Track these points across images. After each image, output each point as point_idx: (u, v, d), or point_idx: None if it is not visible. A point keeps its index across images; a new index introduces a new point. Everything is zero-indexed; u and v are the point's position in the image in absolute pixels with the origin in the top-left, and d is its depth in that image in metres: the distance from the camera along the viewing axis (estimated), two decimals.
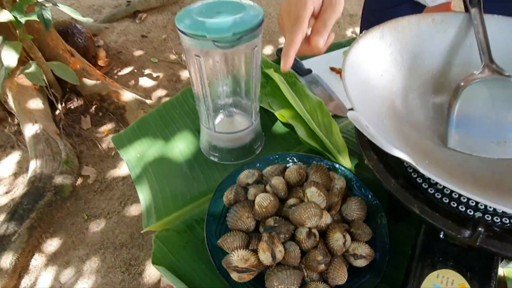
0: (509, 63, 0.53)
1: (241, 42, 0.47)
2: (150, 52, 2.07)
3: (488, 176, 0.46)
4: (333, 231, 0.45)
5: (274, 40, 2.12)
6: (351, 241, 0.45)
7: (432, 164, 0.46)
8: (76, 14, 1.37)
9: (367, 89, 0.50)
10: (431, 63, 0.57)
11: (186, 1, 2.51)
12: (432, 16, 0.58)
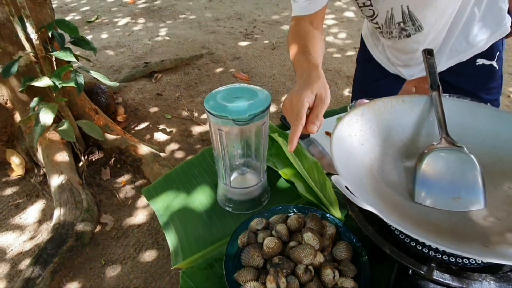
0: (461, 136, 0.69)
1: (254, 120, 0.63)
2: (164, 109, 2.26)
3: (445, 225, 0.59)
4: (325, 268, 0.57)
5: (278, 99, 2.31)
6: (339, 276, 0.57)
7: (401, 215, 0.59)
8: (105, 79, 1.57)
9: (350, 156, 0.64)
10: (402, 134, 0.72)
11: (197, 62, 2.76)
12: (402, 98, 0.74)
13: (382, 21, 0.93)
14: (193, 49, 2.95)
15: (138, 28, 3.40)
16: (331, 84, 2.44)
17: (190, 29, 3.34)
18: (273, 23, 3.40)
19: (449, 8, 0.87)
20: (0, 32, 1.51)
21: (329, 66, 2.66)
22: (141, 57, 2.86)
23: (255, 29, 3.29)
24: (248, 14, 3.61)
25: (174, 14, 3.67)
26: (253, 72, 2.62)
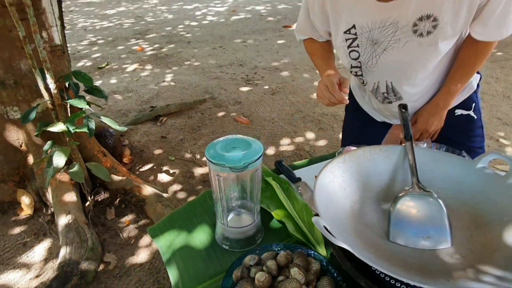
0: (431, 181, 0.78)
1: (248, 168, 0.72)
2: (168, 151, 2.37)
3: (416, 262, 0.67)
4: None
5: (276, 142, 2.43)
6: None
7: (377, 252, 0.67)
8: (114, 124, 1.69)
9: (333, 199, 0.73)
10: (380, 180, 0.82)
11: (201, 107, 2.91)
12: (380, 147, 0.84)
13: (370, 89, 1.08)
14: (196, 94, 3.11)
15: (146, 74, 3.59)
16: (327, 128, 2.57)
17: (195, 75, 3.53)
18: (273, 70, 3.59)
19: (425, 83, 1.03)
20: (22, 82, 1.65)
21: (326, 110, 2.80)
22: (148, 101, 3.02)
23: (256, 75, 3.48)
24: (250, 61, 3.82)
25: (179, 61, 3.88)
26: (253, 116, 2.75)
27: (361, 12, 0.93)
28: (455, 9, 0.85)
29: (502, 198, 0.71)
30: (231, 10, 5.99)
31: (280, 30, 4.89)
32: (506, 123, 2.57)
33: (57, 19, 1.70)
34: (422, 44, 0.92)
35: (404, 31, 0.91)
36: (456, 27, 0.89)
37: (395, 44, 0.94)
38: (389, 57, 0.97)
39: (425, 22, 0.88)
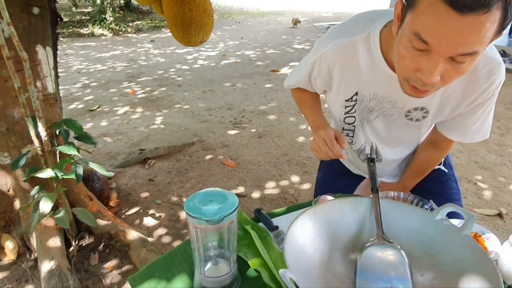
0: (395, 232, 0.84)
1: (224, 220, 0.78)
2: (155, 194, 2.41)
3: None
4: None
5: (261, 185, 2.48)
6: None
7: None
8: (102, 169, 1.73)
9: (302, 250, 0.78)
10: (348, 231, 0.87)
11: (189, 149, 2.97)
12: (349, 199, 0.91)
13: (356, 148, 1.17)
14: (185, 137, 3.19)
15: (136, 116, 3.68)
16: (312, 172, 2.64)
17: (184, 118, 3.63)
18: (260, 113, 3.71)
19: (404, 152, 1.17)
20: (14, 129, 1.71)
21: (310, 154, 2.89)
22: (137, 144, 3.08)
23: (243, 119, 3.59)
24: (238, 105, 3.95)
25: (170, 104, 4.00)
26: (240, 159, 2.82)
27: (369, 82, 0.96)
28: (441, 106, 0.96)
29: (457, 248, 0.77)
30: (222, 55, 6.23)
31: (268, 74, 5.08)
32: (483, 167, 2.67)
33: (51, 70, 1.78)
34: (408, 125, 1.04)
35: (397, 111, 1.01)
36: (437, 119, 1.01)
37: (386, 116, 1.04)
38: (379, 124, 1.07)
39: (418, 112, 0.99)
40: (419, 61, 0.70)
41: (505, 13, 0.60)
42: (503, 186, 2.45)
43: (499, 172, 2.61)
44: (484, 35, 0.61)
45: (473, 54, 0.65)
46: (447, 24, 0.61)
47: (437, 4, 0.61)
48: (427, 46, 0.66)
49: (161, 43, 7.36)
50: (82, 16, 9.41)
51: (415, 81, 0.74)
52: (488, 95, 0.92)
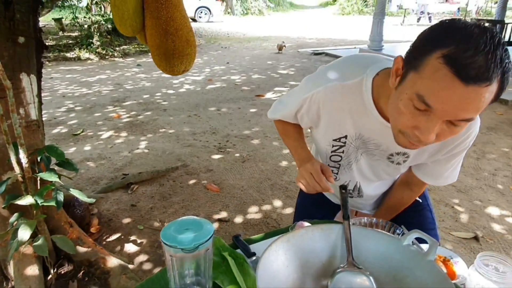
0: (365, 257, 0.87)
1: (199, 248, 0.80)
2: (137, 219, 2.39)
3: None
4: None
5: (244, 210, 2.50)
6: None
7: None
8: (83, 196, 1.73)
9: (275, 277, 0.81)
10: (321, 257, 0.90)
11: (173, 174, 2.98)
12: (321, 227, 0.94)
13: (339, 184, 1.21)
14: (169, 161, 3.20)
15: (120, 141, 3.69)
16: (294, 196, 2.67)
17: (169, 142, 3.65)
18: (244, 138, 3.76)
19: (385, 186, 1.25)
20: None
21: (293, 178, 2.93)
22: (120, 168, 3.08)
23: (228, 143, 3.63)
24: (222, 129, 4.00)
25: (155, 128, 4.02)
26: (224, 184, 2.84)
27: (358, 125, 1.00)
28: (420, 152, 1.03)
29: (423, 273, 0.81)
30: (208, 79, 6.33)
31: (253, 99, 5.17)
32: (460, 190, 2.75)
33: (35, 97, 1.81)
34: (389, 166, 1.10)
35: (380, 153, 1.07)
36: (414, 162, 1.09)
37: (369, 155, 1.09)
38: (363, 162, 1.12)
39: (399, 156, 1.05)
40: (419, 120, 0.74)
41: (501, 85, 0.67)
42: (479, 209, 2.52)
43: (475, 196, 2.69)
44: (483, 105, 0.68)
45: (470, 120, 0.71)
46: (452, 92, 0.66)
47: (444, 71, 0.65)
48: (429, 108, 0.70)
49: (148, 67, 7.43)
50: (69, 40, 9.47)
51: (411, 137, 0.78)
52: (464, 146, 1.00)
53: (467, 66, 0.63)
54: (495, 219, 2.41)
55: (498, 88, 0.67)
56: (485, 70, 0.63)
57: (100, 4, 8.58)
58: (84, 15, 9.18)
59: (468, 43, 0.64)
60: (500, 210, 2.50)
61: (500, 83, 0.66)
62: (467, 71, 0.63)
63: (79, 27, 9.29)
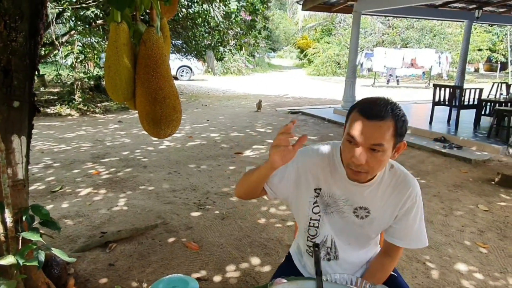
0: None
1: None
2: (115, 279, 2.37)
3: None
4: None
5: (223, 268, 2.52)
6: None
7: None
8: (64, 255, 1.75)
9: None
10: None
11: (152, 232, 2.99)
12: (297, 282, 1.03)
13: (319, 241, 1.33)
14: (149, 219, 3.22)
15: (99, 198, 3.69)
16: (272, 253, 2.72)
17: (148, 199, 3.68)
18: (224, 195, 3.84)
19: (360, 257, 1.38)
20: None
21: (271, 235, 2.99)
22: (99, 226, 3.07)
23: (207, 200, 3.69)
24: (202, 186, 4.07)
25: (134, 185, 4.05)
26: (203, 242, 2.87)
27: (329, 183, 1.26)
28: (382, 210, 1.25)
29: None
30: (188, 136, 6.49)
31: (232, 156, 5.32)
32: (430, 247, 2.87)
33: (23, 157, 1.88)
34: (355, 223, 1.27)
35: (348, 208, 1.26)
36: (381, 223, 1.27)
37: (340, 213, 1.28)
38: (335, 218, 1.29)
39: (362, 210, 1.26)
40: (352, 150, 1.10)
41: (396, 124, 1.08)
42: (449, 265, 2.63)
43: (444, 252, 2.81)
44: (384, 133, 1.07)
45: (381, 145, 1.07)
46: (362, 126, 1.08)
47: (357, 116, 1.10)
48: (354, 139, 1.09)
49: (129, 124, 7.56)
50: (50, 96, 9.58)
51: (351, 165, 1.12)
52: (412, 201, 1.24)
53: (369, 111, 1.08)
54: (464, 275, 2.52)
55: (394, 126, 1.08)
56: (379, 112, 1.07)
57: (85, 62, 8.85)
58: (68, 72, 9.40)
59: (370, 101, 1.12)
60: (467, 266, 2.62)
61: (394, 122, 1.08)
62: (369, 112, 1.08)
63: (61, 84, 9.46)
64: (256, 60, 25.50)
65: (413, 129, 6.81)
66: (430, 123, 7.14)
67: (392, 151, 1.12)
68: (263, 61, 28.02)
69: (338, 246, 1.32)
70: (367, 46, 21.78)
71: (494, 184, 4.31)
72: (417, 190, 1.25)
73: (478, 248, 2.88)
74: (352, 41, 8.78)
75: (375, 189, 1.23)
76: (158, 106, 1.78)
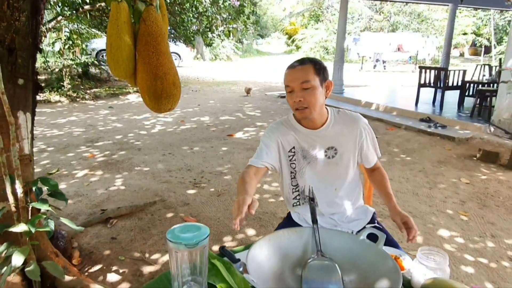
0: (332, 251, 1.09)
1: (198, 245, 0.99)
2: (118, 251, 2.48)
3: None
4: None
5: (221, 239, 2.65)
6: None
7: None
8: (73, 224, 1.85)
9: (260, 265, 1.01)
10: (296, 252, 1.11)
11: (151, 209, 3.10)
12: (295, 229, 1.16)
13: (301, 191, 1.50)
14: (147, 197, 3.32)
15: (96, 179, 3.77)
16: (267, 225, 2.86)
17: (145, 179, 3.77)
18: (218, 174, 3.96)
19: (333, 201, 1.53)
20: None
21: (265, 209, 3.13)
22: (98, 205, 3.16)
23: (202, 179, 3.80)
24: (197, 166, 4.18)
25: (130, 167, 4.13)
26: (200, 216, 2.99)
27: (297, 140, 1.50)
28: (345, 144, 1.49)
29: (375, 259, 1.04)
30: (180, 121, 6.55)
31: (224, 138, 5.42)
32: (415, 216, 3.05)
33: (29, 133, 1.96)
34: (330, 163, 1.48)
35: (319, 153, 1.48)
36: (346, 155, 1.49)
37: (315, 161, 1.48)
38: (312, 168, 1.49)
39: (331, 150, 1.48)
40: (292, 96, 1.41)
41: (314, 66, 1.39)
42: (432, 231, 2.81)
43: (428, 220, 2.99)
44: (307, 73, 1.38)
45: (307, 81, 1.37)
46: (290, 74, 1.41)
47: (286, 71, 1.43)
48: (289, 87, 1.41)
49: (120, 109, 7.57)
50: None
51: (295, 106, 1.41)
52: (366, 130, 1.54)
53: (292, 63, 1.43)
54: (446, 239, 2.70)
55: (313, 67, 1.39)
56: (300, 61, 1.42)
57: (73, 49, 8.76)
58: (55, 59, 9.30)
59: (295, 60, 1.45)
60: (449, 232, 2.81)
61: (313, 65, 1.39)
62: (292, 64, 1.43)
63: (49, 71, 9.37)
64: (244, 46, 25.39)
65: (400, 110, 6.99)
66: (416, 104, 7.33)
67: (322, 88, 1.41)
68: (252, 48, 27.91)
69: (316, 192, 1.49)
70: (354, 31, 21.87)
71: (476, 160, 4.51)
72: (365, 121, 1.55)
73: (460, 216, 3.07)
74: (340, 26, 8.87)
75: (332, 130, 1.48)
76: (159, 82, 1.88)
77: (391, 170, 4.11)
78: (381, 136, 5.52)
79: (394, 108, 7.16)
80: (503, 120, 5.68)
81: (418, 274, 1.17)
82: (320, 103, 1.42)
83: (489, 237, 2.75)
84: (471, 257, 2.49)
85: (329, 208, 1.52)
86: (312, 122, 1.47)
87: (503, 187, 3.71)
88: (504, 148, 4.84)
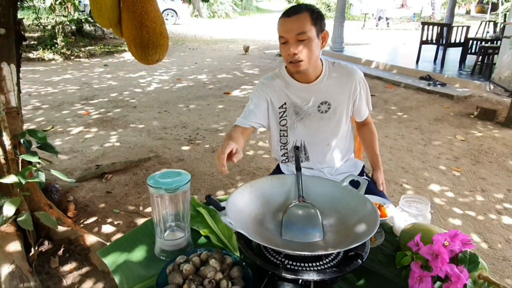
0: (314, 197, 1.09)
1: (178, 190, 0.99)
2: (113, 204, 2.52)
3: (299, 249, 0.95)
4: (222, 282, 0.89)
5: (214, 193, 2.68)
6: (232, 285, 0.89)
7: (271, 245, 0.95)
8: (63, 176, 1.87)
9: (241, 211, 1.02)
10: (278, 198, 1.12)
11: (145, 164, 3.12)
12: (278, 176, 1.16)
13: (290, 147, 1.46)
14: (141, 153, 3.34)
15: (91, 135, 3.77)
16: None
17: (140, 136, 3.77)
18: (213, 131, 3.95)
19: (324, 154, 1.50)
20: None
21: (259, 165, 3.15)
22: (93, 160, 3.18)
23: (197, 136, 3.80)
24: (192, 123, 4.16)
25: (125, 124, 4.12)
26: (195, 171, 3.01)
27: (289, 95, 1.43)
28: (338, 98, 1.43)
29: (355, 204, 1.04)
30: (176, 79, 6.45)
31: (221, 96, 5.36)
32: (408, 171, 3.07)
33: (15, 85, 1.92)
34: (323, 119, 1.43)
35: (312, 109, 1.42)
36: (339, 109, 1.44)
37: (307, 117, 1.43)
38: (304, 124, 1.44)
39: (324, 105, 1.42)
40: (286, 48, 1.28)
41: (311, 14, 1.25)
42: (423, 186, 2.85)
43: (421, 175, 3.02)
44: (303, 23, 1.24)
45: (303, 33, 1.24)
46: (285, 24, 1.28)
47: (280, 20, 1.29)
48: (284, 37, 1.28)
49: (115, 67, 7.44)
50: (31, 40, 9.24)
51: (289, 59, 1.29)
52: (361, 84, 1.45)
53: (287, 11, 1.28)
54: (436, 194, 2.74)
55: (309, 16, 1.25)
56: (295, 9, 1.26)
57: (65, 4, 8.46)
58: (47, 16, 9.01)
59: (289, 7, 1.30)
60: (440, 187, 2.84)
61: (310, 13, 1.25)
62: (287, 12, 1.28)
63: (41, 28, 9.10)
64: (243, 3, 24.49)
65: (400, 68, 6.86)
66: (417, 62, 7.18)
67: (318, 39, 1.29)
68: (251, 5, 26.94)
69: (307, 147, 1.47)
70: None
71: (473, 118, 4.48)
72: (361, 74, 1.46)
73: (452, 172, 3.09)
74: None
75: (326, 83, 1.40)
76: (145, 31, 1.80)
77: (387, 128, 4.09)
78: (379, 94, 5.45)
79: (394, 66, 7.02)
80: (503, 78, 5.58)
81: (399, 220, 1.19)
82: (315, 56, 1.32)
83: (479, 192, 2.78)
84: (459, 210, 2.53)
85: (320, 163, 1.51)
86: (306, 75, 1.37)
87: (497, 144, 3.71)
88: (502, 105, 4.79)
